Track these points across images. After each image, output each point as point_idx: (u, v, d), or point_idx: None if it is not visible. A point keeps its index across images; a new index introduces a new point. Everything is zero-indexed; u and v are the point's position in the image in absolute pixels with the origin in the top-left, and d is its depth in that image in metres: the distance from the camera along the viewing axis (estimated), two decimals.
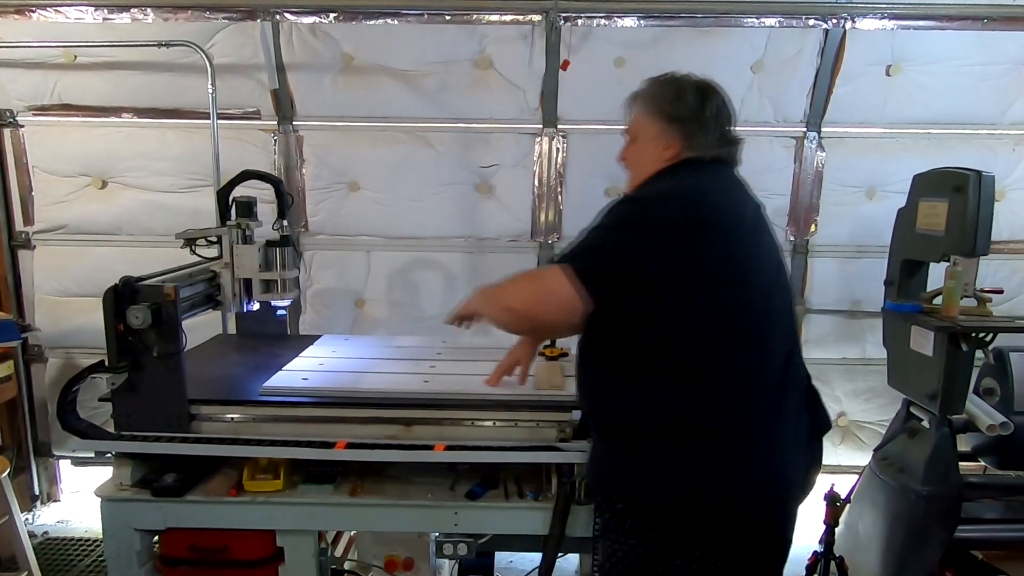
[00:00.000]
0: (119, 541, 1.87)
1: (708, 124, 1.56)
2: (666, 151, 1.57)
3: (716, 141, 1.57)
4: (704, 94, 1.58)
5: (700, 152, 1.56)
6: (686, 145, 1.56)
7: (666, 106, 1.57)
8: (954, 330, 2.34)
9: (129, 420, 1.87)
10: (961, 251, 2.38)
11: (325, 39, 3.08)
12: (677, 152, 1.56)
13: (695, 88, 1.58)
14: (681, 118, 1.56)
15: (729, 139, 1.60)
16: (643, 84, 1.65)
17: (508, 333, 1.69)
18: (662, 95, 1.59)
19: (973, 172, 2.38)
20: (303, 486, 1.89)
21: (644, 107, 1.62)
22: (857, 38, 3.03)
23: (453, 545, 1.86)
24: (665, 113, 1.57)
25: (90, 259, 3.33)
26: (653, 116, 1.59)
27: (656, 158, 1.58)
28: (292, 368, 2.16)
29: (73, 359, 3.41)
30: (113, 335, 1.80)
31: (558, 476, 1.82)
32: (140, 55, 3.08)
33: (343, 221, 3.31)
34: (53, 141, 3.25)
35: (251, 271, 2.26)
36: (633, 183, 1.64)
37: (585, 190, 3.24)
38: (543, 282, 1.50)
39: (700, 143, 1.56)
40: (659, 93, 1.60)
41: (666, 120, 1.57)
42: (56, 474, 3.63)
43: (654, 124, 1.59)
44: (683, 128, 1.56)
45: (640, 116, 1.63)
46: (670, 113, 1.57)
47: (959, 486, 2.47)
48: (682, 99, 1.56)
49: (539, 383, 2.00)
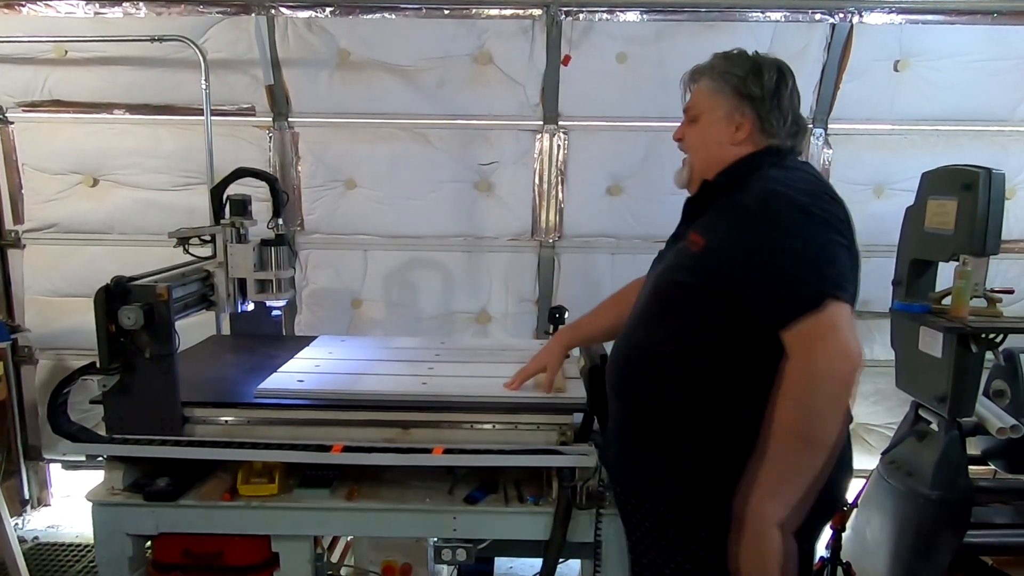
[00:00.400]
0: (111, 546, 1.87)
1: (784, 107, 1.49)
2: (737, 132, 1.49)
3: (790, 128, 1.50)
4: (782, 73, 1.49)
5: (776, 139, 1.49)
6: (759, 127, 1.48)
7: (738, 82, 1.48)
8: (963, 331, 2.33)
9: (121, 423, 1.87)
10: (971, 250, 2.38)
11: (321, 34, 3.08)
12: (748, 134, 1.48)
13: (774, 66, 1.50)
14: (756, 97, 1.47)
15: (801, 126, 1.52)
16: (711, 58, 1.55)
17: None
18: (734, 69, 1.50)
19: (983, 170, 2.38)
20: (299, 490, 1.89)
21: (712, 82, 1.52)
22: (864, 33, 3.03)
23: (452, 550, 1.86)
24: (737, 90, 1.48)
25: (81, 258, 3.33)
26: (723, 93, 1.50)
27: (726, 140, 1.50)
28: (287, 370, 2.16)
29: (64, 360, 3.41)
30: (105, 336, 1.80)
31: (559, 480, 1.82)
32: (132, 50, 3.07)
33: (339, 220, 3.31)
34: (43, 138, 3.25)
35: (246, 271, 2.26)
36: (699, 168, 1.55)
37: (587, 188, 3.24)
38: (833, 369, 1.25)
39: (775, 128, 1.48)
40: (730, 67, 1.50)
41: (738, 97, 1.48)
42: (47, 478, 3.64)
43: (724, 101, 1.50)
44: (757, 108, 1.48)
45: (706, 92, 1.53)
46: (743, 90, 1.48)
47: (969, 490, 2.46)
48: (759, 76, 1.47)
49: (539, 385, 2.00)
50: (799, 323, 1.28)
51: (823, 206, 1.35)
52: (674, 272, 1.50)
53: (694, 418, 1.45)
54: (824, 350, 1.26)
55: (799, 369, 1.28)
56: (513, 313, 3.35)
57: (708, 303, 1.41)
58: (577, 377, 2.06)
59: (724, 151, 1.51)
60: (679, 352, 1.45)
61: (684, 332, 1.44)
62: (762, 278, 1.34)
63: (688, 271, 1.46)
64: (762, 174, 1.43)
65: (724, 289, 1.38)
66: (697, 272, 1.43)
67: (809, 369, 1.27)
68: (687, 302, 1.45)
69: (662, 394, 1.48)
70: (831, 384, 1.26)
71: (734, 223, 1.39)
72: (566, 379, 2.04)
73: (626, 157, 3.19)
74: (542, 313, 3.32)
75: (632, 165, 3.19)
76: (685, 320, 1.45)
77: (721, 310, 1.39)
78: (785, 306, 1.30)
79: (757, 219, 1.35)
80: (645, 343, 1.52)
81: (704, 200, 1.53)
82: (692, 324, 1.43)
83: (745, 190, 1.41)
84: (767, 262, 1.33)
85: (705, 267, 1.42)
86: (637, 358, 1.53)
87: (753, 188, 1.41)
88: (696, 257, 1.44)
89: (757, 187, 1.40)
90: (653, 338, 1.50)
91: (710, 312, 1.41)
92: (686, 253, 1.47)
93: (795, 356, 1.28)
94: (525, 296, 3.34)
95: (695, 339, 1.43)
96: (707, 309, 1.41)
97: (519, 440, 1.88)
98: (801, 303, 1.28)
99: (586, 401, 1.88)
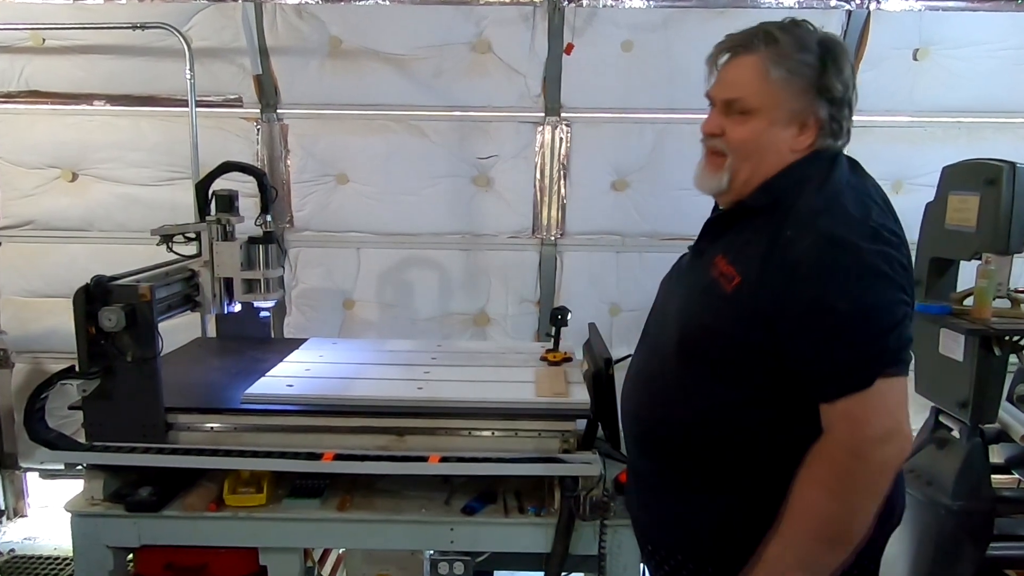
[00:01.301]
0: (90, 559, 1.87)
1: (853, 103, 1.33)
2: (801, 136, 1.30)
3: (848, 128, 1.35)
4: (848, 56, 1.31)
5: (839, 141, 1.33)
6: (827, 131, 1.31)
7: (815, 75, 1.27)
8: (986, 333, 2.33)
9: (101, 430, 1.87)
10: (994, 248, 2.38)
11: (311, 21, 3.08)
12: (814, 139, 1.31)
13: (843, 48, 1.30)
14: (835, 96, 1.28)
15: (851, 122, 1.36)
16: (758, 28, 1.29)
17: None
18: (806, 57, 1.27)
19: (1007, 164, 2.37)
20: (288, 500, 1.89)
21: (776, 69, 1.27)
22: (882, 20, 3.03)
23: (449, 564, 1.86)
24: (813, 85, 1.27)
25: (60, 257, 3.32)
26: (792, 86, 1.27)
27: (786, 146, 1.31)
28: (276, 374, 2.16)
29: (41, 364, 3.40)
30: (84, 338, 1.80)
31: (561, 490, 1.82)
32: (113, 38, 3.07)
33: (331, 216, 3.31)
34: (20, 130, 3.24)
35: (232, 270, 2.26)
36: (745, 176, 1.34)
37: (590, 183, 3.24)
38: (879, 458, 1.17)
39: (842, 130, 1.32)
40: (799, 52, 1.27)
41: (814, 93, 1.28)
42: (23, 488, 3.63)
43: (793, 98, 1.28)
44: (832, 109, 1.30)
45: (764, 79, 1.28)
46: (819, 87, 1.27)
47: (991, 500, 2.46)
48: (838, 66, 1.28)
49: (541, 390, 2.00)
50: (843, 400, 1.19)
51: (888, 253, 1.21)
52: (702, 314, 1.35)
53: (724, 469, 1.34)
54: (874, 437, 1.17)
55: (844, 457, 1.18)
56: (513, 314, 3.35)
57: (742, 354, 1.29)
58: (580, 382, 2.06)
59: (781, 159, 1.32)
60: (710, 404, 1.33)
61: (717, 381, 1.32)
62: (809, 343, 1.21)
63: (717, 315, 1.31)
64: (808, 200, 1.26)
65: (761, 343, 1.25)
66: (729, 319, 1.29)
67: (855, 457, 1.17)
68: (718, 351, 1.31)
69: (687, 446, 1.37)
70: (879, 474, 1.18)
71: (780, 266, 1.23)
72: (568, 383, 2.04)
73: (632, 150, 3.18)
74: (543, 314, 3.31)
75: (638, 159, 3.19)
76: (720, 369, 1.31)
77: (758, 363, 1.27)
78: (831, 380, 1.20)
79: (810, 268, 1.20)
80: (669, 389, 1.39)
81: (734, 219, 1.38)
82: (726, 373, 1.31)
83: (791, 218, 1.25)
84: (817, 324, 1.20)
85: (738, 314, 1.27)
86: (661, 405, 1.41)
87: (803, 221, 1.24)
88: (728, 300, 1.29)
89: (808, 221, 1.23)
90: (681, 385, 1.37)
91: (745, 364, 1.29)
92: (716, 292, 1.32)
93: (835, 437, 1.19)
94: (526, 296, 3.34)
95: (730, 392, 1.31)
96: (742, 361, 1.29)
97: (519, 448, 1.88)
98: (849, 381, 1.19)
99: (590, 407, 1.89)
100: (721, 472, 1.35)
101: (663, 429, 1.41)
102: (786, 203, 1.29)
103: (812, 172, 1.31)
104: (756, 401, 1.30)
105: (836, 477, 1.18)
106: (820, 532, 1.19)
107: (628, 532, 1.82)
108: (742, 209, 1.36)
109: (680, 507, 1.41)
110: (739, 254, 1.32)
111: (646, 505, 1.52)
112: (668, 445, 1.41)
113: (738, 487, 1.34)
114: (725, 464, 1.34)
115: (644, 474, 1.52)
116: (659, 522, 1.47)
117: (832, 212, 1.25)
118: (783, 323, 1.23)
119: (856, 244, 1.20)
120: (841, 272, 1.19)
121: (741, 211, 1.37)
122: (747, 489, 1.33)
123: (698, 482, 1.38)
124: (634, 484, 1.58)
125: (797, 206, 1.27)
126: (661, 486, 1.45)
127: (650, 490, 1.50)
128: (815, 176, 1.30)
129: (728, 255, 1.33)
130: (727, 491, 1.35)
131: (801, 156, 1.33)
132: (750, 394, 1.30)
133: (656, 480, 1.47)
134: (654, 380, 1.45)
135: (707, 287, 1.35)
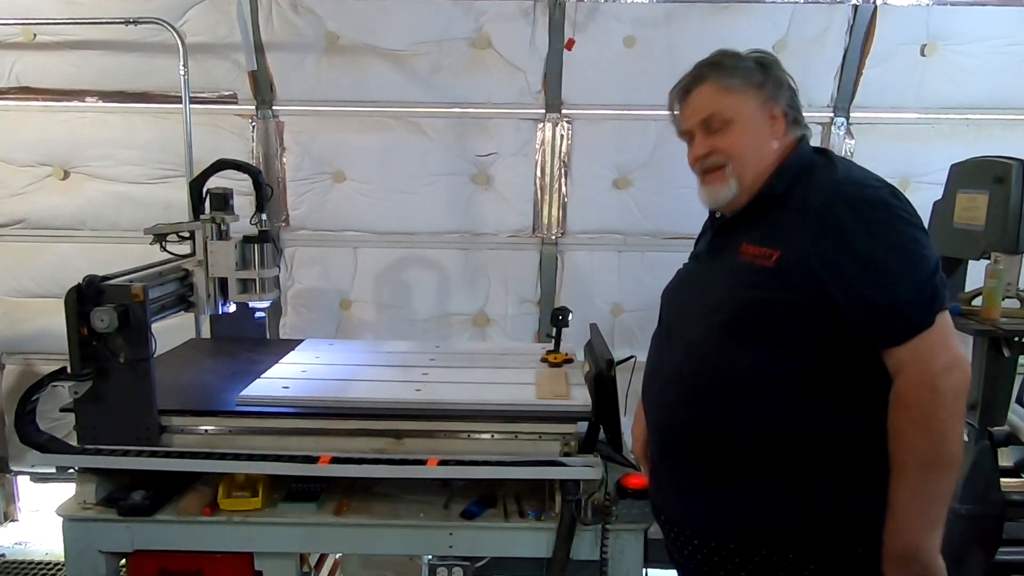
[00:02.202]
0: (83, 564, 1.88)
1: (794, 92, 1.52)
2: (775, 124, 1.48)
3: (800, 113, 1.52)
4: (777, 64, 1.52)
5: (804, 127, 1.52)
6: (791, 118, 1.50)
7: (753, 72, 1.48)
8: (995, 334, 2.34)
9: (94, 432, 1.87)
10: (1003, 248, 2.38)
11: (307, 16, 3.08)
12: (785, 125, 1.49)
13: (778, 62, 1.53)
14: (782, 82, 1.50)
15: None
16: (699, 67, 1.53)
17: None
18: (741, 63, 1.50)
19: (1016, 161, 2.38)
20: (284, 504, 1.89)
21: (727, 80, 1.48)
22: (889, 15, 3.03)
23: (448, 569, 1.87)
24: (758, 81, 1.48)
25: (51, 256, 3.33)
26: (744, 87, 1.47)
27: (770, 138, 1.49)
28: (272, 376, 2.16)
29: (32, 366, 3.40)
30: (76, 339, 1.80)
31: (562, 494, 1.82)
32: (105, 33, 3.07)
33: (327, 215, 3.31)
34: (10, 127, 3.24)
35: (227, 269, 2.26)
36: (750, 177, 1.49)
37: (592, 181, 3.24)
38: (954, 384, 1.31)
39: (800, 119, 1.51)
40: (736, 62, 1.50)
41: (760, 87, 1.48)
42: (14, 491, 3.63)
43: (751, 95, 1.48)
44: (786, 94, 1.50)
45: (723, 91, 1.48)
46: (764, 79, 1.48)
47: (1000, 504, 2.47)
48: (777, 70, 1.50)
49: (541, 392, 2.00)
50: (912, 342, 1.32)
51: (910, 207, 1.37)
52: (749, 291, 1.43)
53: (783, 444, 1.42)
54: (944, 368, 1.31)
55: (920, 390, 1.32)
56: (513, 315, 3.35)
57: (799, 320, 1.39)
58: (581, 384, 2.06)
59: (771, 150, 1.49)
60: (772, 374, 1.41)
61: (775, 351, 1.41)
62: (869, 294, 1.33)
63: (765, 288, 1.41)
64: (824, 176, 1.43)
65: (814, 302, 1.37)
66: (778, 287, 1.39)
67: (931, 389, 1.31)
68: (777, 319, 1.40)
69: (752, 420, 1.43)
70: (954, 400, 1.31)
71: (821, 231, 1.36)
72: (569, 385, 2.04)
73: (634, 148, 3.19)
74: (544, 315, 3.32)
75: (640, 156, 3.19)
76: (772, 338, 1.41)
77: (812, 323, 1.38)
78: (898, 324, 1.33)
79: (854, 226, 1.34)
80: (719, 367, 1.46)
81: (755, 211, 1.49)
82: (783, 341, 1.40)
83: (814, 193, 1.41)
84: (875, 278, 1.33)
85: (786, 281, 1.39)
86: (713, 384, 1.47)
87: (829, 191, 1.40)
88: (772, 272, 1.40)
89: (834, 190, 1.39)
90: (732, 362, 1.44)
91: (802, 327, 1.39)
92: (755, 269, 1.42)
93: (911, 377, 1.32)
94: (526, 297, 3.34)
95: (788, 358, 1.40)
96: (799, 325, 1.39)
97: (519, 451, 1.88)
98: (917, 322, 1.32)
99: (591, 409, 1.89)
100: (781, 442, 1.42)
101: (719, 405, 1.46)
102: (802, 185, 1.44)
103: (812, 156, 1.49)
104: (810, 369, 1.40)
105: (920, 412, 1.31)
106: (928, 463, 1.31)
107: (630, 536, 1.83)
108: (761, 200, 1.48)
109: (729, 488, 1.47)
110: (767, 236, 1.43)
111: (684, 493, 1.55)
112: (721, 420, 1.46)
113: (801, 459, 1.41)
114: (786, 431, 1.41)
115: (683, 461, 1.55)
116: (702, 511, 1.51)
117: (853, 179, 1.41)
118: (839, 283, 1.35)
119: (885, 200, 1.36)
120: (882, 226, 1.34)
121: (759, 203, 1.48)
122: (813, 459, 1.41)
123: (755, 457, 1.44)
124: (669, 474, 1.60)
125: (816, 182, 1.43)
126: (706, 473, 1.50)
127: (690, 478, 1.53)
128: (817, 158, 1.49)
129: (753, 241, 1.45)
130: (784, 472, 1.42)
131: (790, 147, 1.50)
132: (805, 361, 1.40)
133: (704, 469, 1.50)
134: (697, 373, 1.50)
135: (742, 269, 1.45)
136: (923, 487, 1.33)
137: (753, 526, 1.45)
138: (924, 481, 1.32)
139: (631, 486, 1.82)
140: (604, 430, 1.91)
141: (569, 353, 2.33)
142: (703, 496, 1.51)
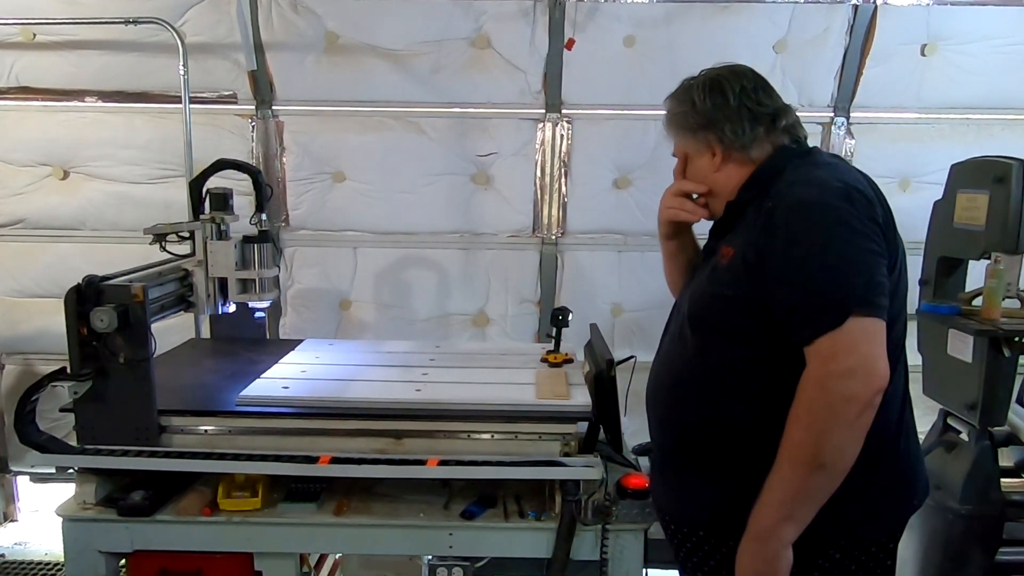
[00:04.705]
0: (82, 565, 1.88)
1: (735, 114, 1.55)
2: (714, 158, 1.59)
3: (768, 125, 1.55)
4: (717, 83, 1.58)
5: (760, 145, 1.55)
6: (732, 145, 1.56)
7: (682, 119, 1.62)
8: (995, 334, 2.33)
9: (93, 432, 1.87)
10: (1003, 248, 2.38)
11: (307, 15, 3.08)
12: (724, 155, 1.58)
13: (705, 83, 1.60)
14: (703, 123, 1.58)
15: (779, 112, 1.57)
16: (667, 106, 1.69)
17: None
18: (676, 108, 1.64)
19: (1017, 161, 2.38)
20: (283, 505, 1.89)
21: (674, 126, 1.66)
22: (889, 15, 3.03)
23: (447, 569, 1.87)
24: (689, 126, 1.61)
25: (51, 256, 3.32)
26: (682, 132, 1.64)
27: (710, 169, 1.61)
28: (271, 376, 2.16)
29: (32, 366, 3.41)
30: (76, 340, 1.80)
31: (562, 494, 1.82)
32: (105, 33, 3.07)
33: (327, 215, 3.31)
34: (10, 127, 3.24)
35: (227, 269, 2.26)
36: (716, 199, 1.63)
37: (592, 181, 3.24)
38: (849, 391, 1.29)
39: (745, 137, 1.55)
40: (676, 107, 1.64)
41: (691, 131, 1.61)
42: (13, 491, 3.64)
43: (689, 137, 1.62)
44: (713, 131, 1.58)
45: (675, 135, 1.67)
46: (691, 124, 1.60)
47: (1001, 505, 2.46)
48: (693, 104, 1.59)
49: (541, 392, 2.00)
50: (818, 341, 1.32)
51: (858, 210, 1.37)
52: (708, 285, 1.54)
53: (738, 436, 1.47)
54: (839, 371, 1.29)
55: (812, 389, 1.32)
56: (513, 315, 3.35)
57: (742, 314, 1.45)
58: (581, 384, 2.07)
59: (716, 178, 1.61)
60: (719, 366, 1.49)
61: (724, 344, 1.48)
62: (785, 292, 1.38)
63: (720, 283, 1.50)
64: (787, 178, 1.48)
65: (755, 297, 1.42)
66: (729, 283, 1.48)
67: (821, 390, 1.31)
68: (722, 313, 1.49)
69: (702, 414, 1.52)
70: (844, 405, 1.29)
71: (762, 229, 1.43)
72: (569, 385, 2.05)
73: (634, 148, 3.19)
74: (544, 315, 3.32)
75: (641, 156, 3.19)
76: (724, 331, 1.49)
77: (755, 319, 1.43)
78: (806, 323, 1.34)
79: (785, 227, 1.39)
80: (683, 361, 1.56)
81: (732, 216, 1.58)
82: (731, 335, 1.47)
83: (772, 196, 1.46)
84: (791, 275, 1.37)
85: (735, 277, 1.46)
86: (678, 379, 1.58)
87: (781, 193, 1.45)
88: (726, 269, 1.49)
89: (785, 192, 1.45)
90: (692, 355, 1.54)
91: (746, 322, 1.45)
92: (716, 267, 1.53)
93: (808, 373, 1.33)
94: (526, 297, 3.34)
95: (735, 350, 1.47)
96: (742, 319, 1.45)
97: (519, 451, 1.88)
98: (820, 321, 1.32)
99: (591, 409, 1.89)
100: (727, 436, 1.48)
101: (680, 398, 1.56)
102: (768, 191, 1.49)
103: (785, 162, 1.52)
104: (757, 357, 1.45)
105: (805, 408, 1.33)
106: (802, 460, 1.33)
107: (631, 536, 1.83)
108: (733, 206, 1.58)
109: (691, 477, 1.56)
110: (733, 236, 1.53)
111: (667, 484, 1.66)
112: (682, 412, 1.56)
113: (744, 453, 1.46)
114: (732, 425, 1.48)
115: (665, 453, 1.67)
116: (678, 500, 1.62)
117: (806, 181, 1.45)
118: (766, 280, 1.40)
119: (824, 202, 1.38)
120: (809, 227, 1.37)
121: (736, 209, 1.57)
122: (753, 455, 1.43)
123: (707, 449, 1.52)
124: (657, 465, 1.71)
125: (776, 184, 1.48)
126: (679, 464, 1.61)
127: (670, 469, 1.64)
128: (787, 164, 1.52)
129: (728, 242, 1.54)
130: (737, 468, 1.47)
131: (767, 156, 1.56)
132: (752, 352, 1.45)
133: (676, 458, 1.62)
134: (673, 363, 1.61)
135: (712, 269, 1.55)
136: (790, 480, 1.34)
137: (719, 516, 1.50)
138: (792, 475, 1.34)
139: (631, 486, 1.82)
140: (604, 430, 1.91)
141: (569, 353, 2.33)
142: (675, 487, 1.62)
